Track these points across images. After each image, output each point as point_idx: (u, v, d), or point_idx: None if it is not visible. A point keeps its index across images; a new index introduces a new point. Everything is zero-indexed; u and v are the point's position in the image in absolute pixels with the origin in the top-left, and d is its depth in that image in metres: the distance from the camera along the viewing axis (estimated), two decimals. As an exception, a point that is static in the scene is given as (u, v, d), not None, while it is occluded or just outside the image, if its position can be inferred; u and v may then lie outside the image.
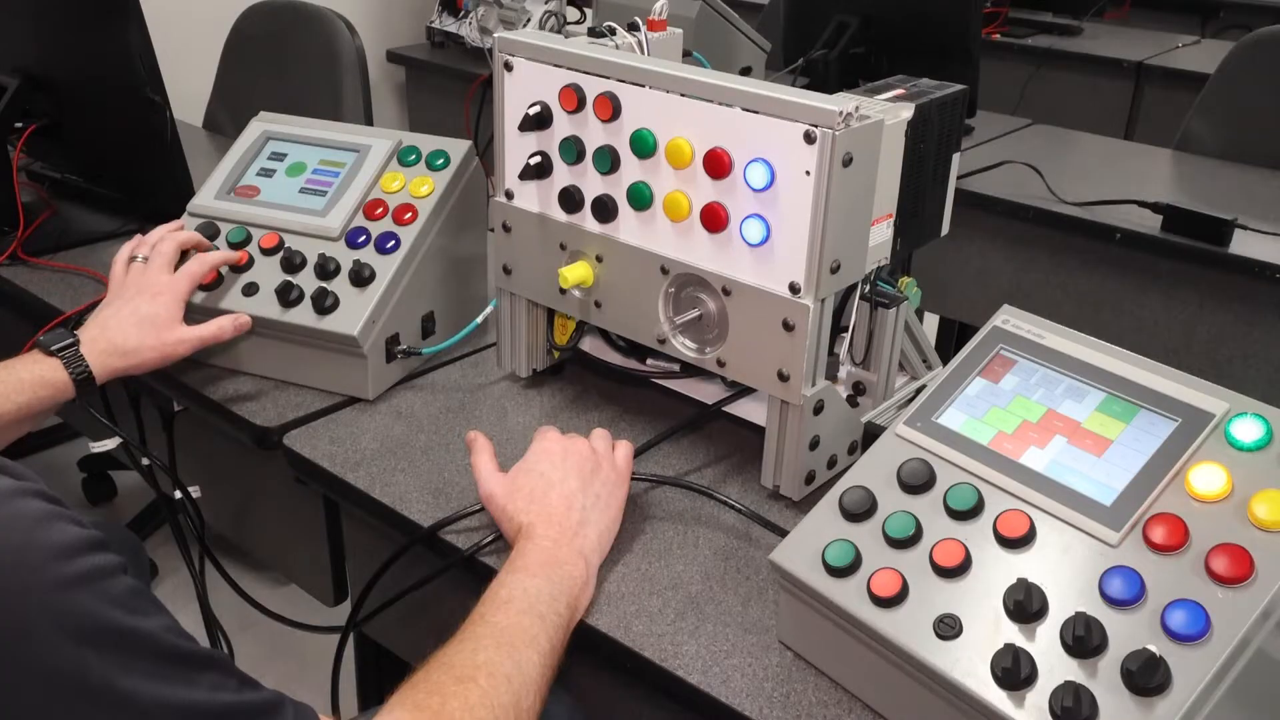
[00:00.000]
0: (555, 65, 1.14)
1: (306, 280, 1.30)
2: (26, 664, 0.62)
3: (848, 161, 0.99)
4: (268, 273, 1.32)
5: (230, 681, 0.71)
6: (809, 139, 0.98)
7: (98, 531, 0.68)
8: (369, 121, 2.40)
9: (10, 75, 1.67)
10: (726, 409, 1.25)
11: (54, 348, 1.19)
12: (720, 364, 1.13)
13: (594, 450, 1.09)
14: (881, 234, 1.09)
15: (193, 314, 1.33)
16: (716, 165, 1.04)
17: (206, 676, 0.70)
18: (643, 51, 1.22)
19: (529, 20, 3.03)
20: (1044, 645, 0.78)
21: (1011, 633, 0.80)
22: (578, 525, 1.02)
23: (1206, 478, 0.81)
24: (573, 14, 3.12)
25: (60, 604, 0.63)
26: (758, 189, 1.03)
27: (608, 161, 1.12)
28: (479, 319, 1.36)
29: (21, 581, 0.62)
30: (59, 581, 0.63)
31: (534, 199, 1.21)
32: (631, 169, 1.12)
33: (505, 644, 0.89)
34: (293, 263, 1.31)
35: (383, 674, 1.52)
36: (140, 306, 1.24)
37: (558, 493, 1.04)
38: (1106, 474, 0.85)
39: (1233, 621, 0.74)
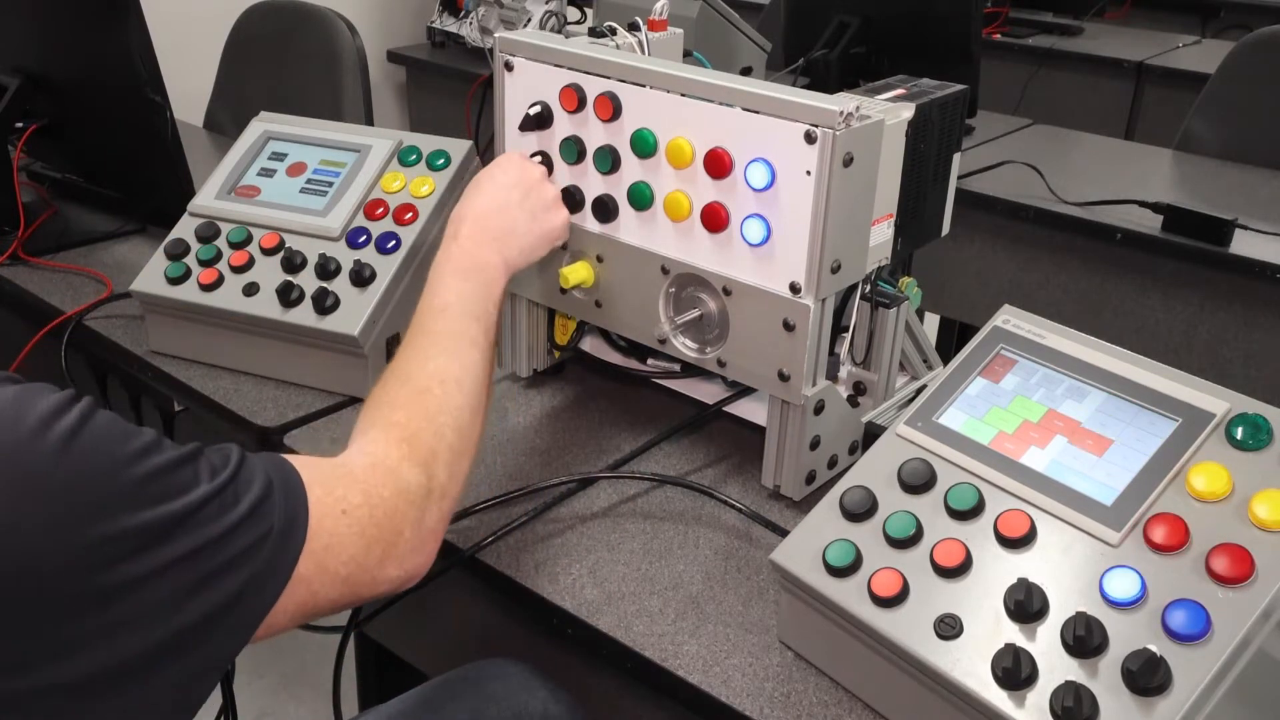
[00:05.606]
0: (556, 65, 1.14)
1: (307, 280, 1.30)
2: (57, 532, 0.62)
3: (848, 161, 0.99)
4: (268, 273, 1.32)
5: (215, 462, 0.72)
6: (809, 139, 0.98)
7: (68, 389, 0.69)
8: (369, 121, 2.40)
9: (10, 75, 1.67)
10: (727, 409, 1.25)
11: None
12: (721, 364, 1.13)
13: (544, 176, 1.14)
14: (882, 234, 1.09)
15: (192, 315, 1.33)
16: (717, 165, 1.04)
17: (201, 467, 0.71)
18: (643, 51, 1.22)
19: (529, 20, 3.03)
20: (1044, 645, 0.78)
21: (1012, 632, 0.80)
22: (505, 233, 1.06)
23: (1207, 478, 0.81)
24: (573, 14, 3.12)
25: (67, 466, 0.64)
26: (758, 189, 1.03)
27: (608, 161, 1.12)
28: (479, 319, 1.36)
29: (22, 458, 0.63)
30: (58, 444, 0.64)
31: (534, 199, 1.21)
32: (632, 169, 1.12)
33: (450, 350, 0.95)
34: (293, 263, 1.31)
35: (383, 674, 1.52)
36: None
37: (492, 194, 1.07)
38: (1107, 474, 0.85)
39: (1233, 621, 0.74)
